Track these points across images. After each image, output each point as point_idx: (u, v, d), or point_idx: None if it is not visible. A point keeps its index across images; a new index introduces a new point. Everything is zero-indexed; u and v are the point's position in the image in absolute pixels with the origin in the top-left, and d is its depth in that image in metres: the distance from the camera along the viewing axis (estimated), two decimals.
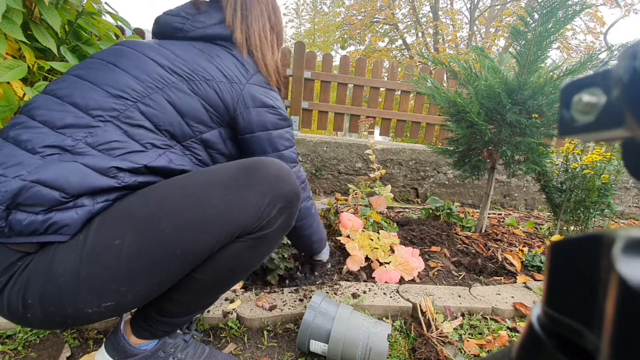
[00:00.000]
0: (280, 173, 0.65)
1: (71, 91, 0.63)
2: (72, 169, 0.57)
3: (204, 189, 0.61)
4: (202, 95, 0.70)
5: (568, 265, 0.16)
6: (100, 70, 0.66)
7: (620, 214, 2.80)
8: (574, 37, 9.06)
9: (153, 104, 0.65)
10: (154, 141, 0.65)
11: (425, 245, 1.56)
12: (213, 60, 0.73)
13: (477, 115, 1.42)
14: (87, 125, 0.60)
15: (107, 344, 0.72)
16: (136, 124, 0.64)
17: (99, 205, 0.59)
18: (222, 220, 0.59)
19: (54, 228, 0.55)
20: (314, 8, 11.52)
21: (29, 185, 0.54)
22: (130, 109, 0.64)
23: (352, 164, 2.57)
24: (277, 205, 0.64)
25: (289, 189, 0.65)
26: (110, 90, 0.63)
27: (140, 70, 0.67)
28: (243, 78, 0.75)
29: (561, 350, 0.15)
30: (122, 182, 0.61)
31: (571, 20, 1.33)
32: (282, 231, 0.68)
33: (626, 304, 0.12)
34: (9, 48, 0.95)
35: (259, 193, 0.62)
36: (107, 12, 1.22)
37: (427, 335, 0.92)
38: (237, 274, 0.69)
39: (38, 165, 0.55)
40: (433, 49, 9.17)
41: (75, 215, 0.57)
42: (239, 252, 0.64)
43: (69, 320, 0.57)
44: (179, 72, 0.69)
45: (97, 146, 0.60)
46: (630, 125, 0.13)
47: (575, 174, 1.61)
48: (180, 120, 0.68)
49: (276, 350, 0.88)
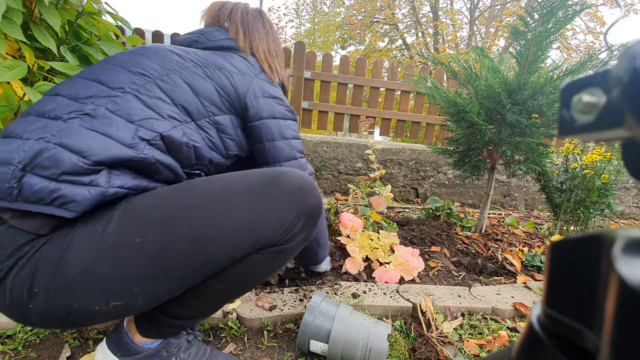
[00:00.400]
0: (305, 186, 0.65)
1: (96, 73, 0.67)
2: (93, 136, 0.58)
3: (228, 197, 0.60)
4: (216, 80, 0.75)
5: (568, 265, 0.16)
6: (124, 58, 0.71)
7: (620, 214, 2.80)
8: (574, 37, 9.06)
9: (170, 82, 0.70)
10: (170, 112, 0.68)
11: (425, 245, 1.56)
12: (225, 58, 0.81)
13: (477, 115, 1.42)
14: (108, 95, 0.63)
15: (109, 341, 0.71)
16: (155, 96, 0.67)
17: (113, 189, 0.58)
18: (248, 233, 0.59)
19: (60, 201, 0.54)
20: (314, 8, 11.51)
21: (51, 147, 0.55)
22: (150, 83, 0.68)
23: (352, 164, 2.57)
24: (302, 220, 0.64)
25: (314, 204, 0.65)
26: (132, 69, 0.68)
27: (160, 57, 0.73)
28: (251, 72, 0.83)
29: (561, 350, 0.15)
30: (141, 153, 0.62)
31: (571, 20, 1.33)
32: (301, 244, 0.68)
33: (626, 304, 0.12)
34: (9, 48, 0.95)
35: (285, 207, 0.62)
36: (107, 12, 1.22)
37: (427, 335, 0.92)
38: (252, 283, 0.69)
39: (61, 128, 0.57)
40: (433, 49, 9.17)
41: (87, 194, 0.56)
42: (258, 264, 0.64)
43: (72, 316, 0.55)
44: (194, 60, 0.75)
45: (116, 111, 0.62)
46: (630, 125, 0.13)
47: (575, 174, 1.61)
48: (195, 99, 0.72)
49: (276, 350, 0.88)
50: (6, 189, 0.52)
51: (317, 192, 0.67)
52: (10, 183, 0.52)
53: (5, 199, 0.53)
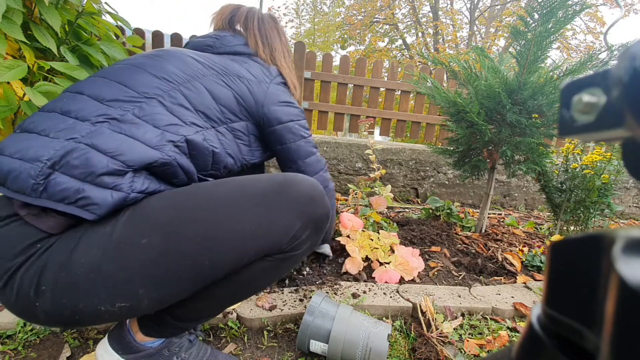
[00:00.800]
0: (314, 194, 0.65)
1: (119, 74, 0.68)
2: (121, 139, 0.59)
3: (238, 202, 0.60)
4: (235, 88, 0.78)
5: (568, 265, 0.16)
6: (145, 60, 0.72)
7: (620, 214, 2.80)
8: (574, 37, 9.06)
9: (193, 89, 0.72)
10: (192, 119, 0.70)
11: (425, 245, 1.56)
12: (243, 65, 0.84)
13: (477, 115, 1.42)
14: (134, 100, 0.64)
15: (110, 338, 0.71)
16: (178, 103, 0.69)
17: (134, 195, 0.59)
18: (252, 240, 0.59)
19: (83, 202, 0.55)
20: (314, 8, 11.51)
21: (82, 147, 0.56)
22: (174, 90, 0.69)
23: (352, 164, 2.57)
24: (309, 229, 0.64)
25: (321, 212, 0.65)
26: (156, 73, 0.69)
27: (182, 62, 0.74)
28: (267, 79, 0.86)
29: (561, 351, 0.15)
30: (167, 155, 0.63)
31: (571, 20, 1.33)
32: (307, 251, 0.68)
33: (626, 304, 0.12)
34: (9, 48, 0.95)
35: (292, 215, 0.61)
36: (107, 12, 1.22)
37: (427, 335, 0.92)
38: (257, 288, 0.69)
39: (90, 130, 0.58)
40: (433, 49, 9.17)
41: (109, 198, 0.56)
42: (264, 270, 0.64)
43: (78, 315, 0.55)
44: (216, 69, 0.78)
45: (142, 117, 0.63)
46: (630, 125, 0.13)
47: (575, 174, 1.61)
48: (216, 106, 0.74)
49: (276, 350, 0.88)
50: (31, 185, 0.53)
51: (325, 200, 0.67)
52: (37, 179, 0.53)
53: (30, 195, 0.53)
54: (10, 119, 1.02)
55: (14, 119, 1.03)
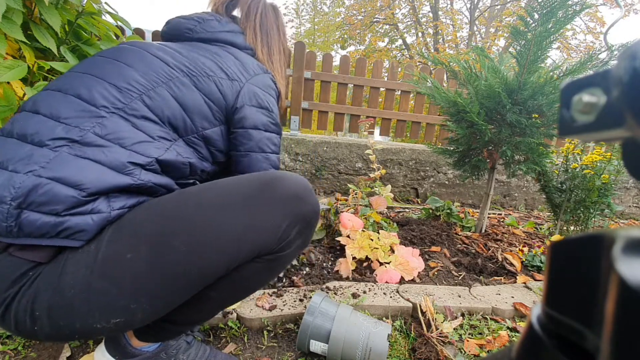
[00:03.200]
0: (300, 191, 0.62)
1: (75, 84, 0.62)
2: (87, 166, 0.55)
3: (224, 207, 0.58)
4: (204, 90, 0.72)
5: (568, 265, 0.16)
6: (103, 65, 0.66)
7: (620, 214, 2.80)
8: (574, 37, 9.06)
9: (157, 97, 0.66)
10: (159, 133, 0.65)
11: (425, 245, 1.55)
12: (215, 59, 0.76)
13: (477, 115, 1.42)
14: (93, 115, 0.59)
15: (107, 343, 0.71)
16: (141, 115, 0.63)
17: (115, 212, 0.57)
18: (241, 243, 0.58)
19: (67, 232, 0.53)
20: (314, 8, 11.51)
21: (44, 182, 0.52)
22: (135, 100, 0.63)
23: (352, 164, 2.57)
24: (297, 227, 0.62)
25: (309, 209, 0.63)
26: (116, 83, 0.63)
27: (144, 64, 0.67)
28: (243, 77, 0.78)
29: (561, 351, 0.15)
30: (138, 179, 0.60)
31: (571, 20, 1.33)
32: (298, 250, 0.67)
33: (626, 304, 0.12)
34: (9, 48, 0.95)
35: (279, 214, 0.60)
36: (107, 12, 1.22)
37: (427, 335, 0.92)
38: (248, 291, 0.68)
39: (50, 159, 0.54)
40: (433, 49, 9.17)
41: (90, 221, 0.55)
42: (255, 272, 0.63)
43: (77, 335, 0.55)
44: (182, 69, 0.71)
45: (105, 135, 0.59)
46: (630, 125, 0.13)
47: (575, 174, 1.61)
48: (183, 114, 0.69)
49: (276, 350, 0.88)
50: (5, 228, 0.51)
51: (313, 197, 0.65)
52: (8, 222, 0.51)
53: (7, 236, 0.52)
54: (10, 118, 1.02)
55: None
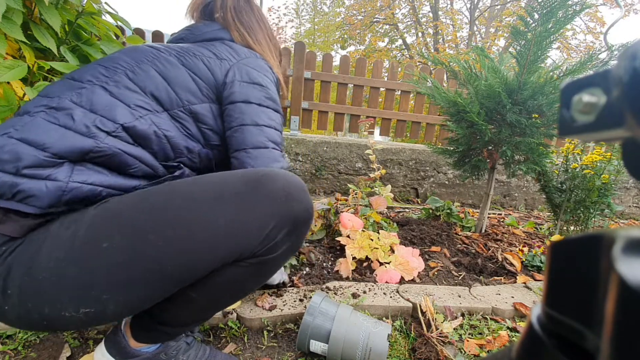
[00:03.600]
0: (291, 189, 0.59)
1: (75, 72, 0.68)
2: (53, 128, 0.58)
3: (204, 204, 0.55)
4: (190, 66, 0.73)
5: (568, 265, 0.16)
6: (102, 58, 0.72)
7: (620, 214, 2.80)
8: (574, 37, 9.06)
9: (140, 72, 0.69)
10: (138, 102, 0.66)
11: (425, 245, 1.56)
12: (207, 46, 0.79)
13: (477, 115, 1.42)
14: (76, 87, 0.63)
15: (107, 343, 0.70)
16: (123, 85, 0.66)
17: (73, 184, 0.57)
18: (220, 243, 0.55)
19: (20, 196, 0.53)
20: (314, 8, 11.51)
21: (13, 142, 0.55)
22: (119, 74, 0.67)
23: (352, 164, 2.57)
24: (285, 229, 0.58)
25: (300, 209, 0.59)
26: (104, 63, 0.69)
27: (134, 50, 0.73)
28: (234, 59, 0.79)
29: (561, 351, 0.15)
30: (102, 142, 0.60)
31: (571, 20, 1.33)
32: (288, 254, 0.63)
33: (626, 304, 0.12)
34: (9, 48, 0.95)
35: (265, 214, 0.56)
36: (107, 12, 1.22)
37: (427, 335, 0.92)
38: (235, 296, 0.66)
39: (25, 122, 0.57)
40: (433, 49, 9.17)
41: (44, 188, 0.54)
42: (237, 277, 0.60)
43: (46, 321, 0.53)
44: (169, 51, 0.74)
45: (80, 102, 0.62)
46: (630, 125, 0.13)
47: (575, 174, 1.61)
48: (166, 86, 0.70)
49: (276, 350, 0.88)
50: None
51: (306, 197, 0.60)
52: None
53: None
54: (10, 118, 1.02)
55: None
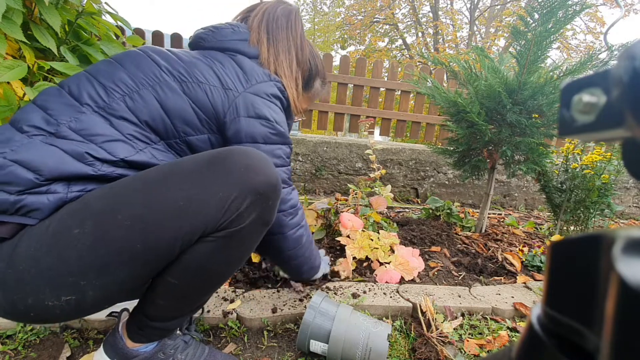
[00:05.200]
0: (251, 162, 0.60)
1: (72, 81, 0.67)
2: (50, 152, 0.58)
3: (164, 182, 0.58)
4: (191, 96, 0.70)
5: (568, 266, 0.16)
6: (102, 66, 0.70)
7: (620, 214, 2.80)
8: (574, 37, 9.07)
9: (139, 99, 0.67)
10: (134, 133, 0.66)
11: (425, 245, 1.56)
12: (215, 67, 0.74)
13: (477, 115, 1.42)
14: (75, 110, 0.63)
15: (105, 345, 0.71)
16: (119, 115, 0.65)
17: (72, 194, 0.59)
18: (181, 216, 0.56)
19: (24, 210, 0.56)
20: (314, 8, 11.51)
21: (8, 164, 0.56)
22: (117, 101, 0.65)
23: (352, 164, 2.57)
24: (247, 199, 0.59)
25: (261, 180, 0.60)
26: (103, 82, 0.66)
27: (136, 66, 0.69)
28: (241, 87, 0.75)
29: (561, 351, 0.15)
30: (99, 170, 0.61)
31: (571, 20, 1.33)
32: (258, 227, 0.64)
33: (626, 304, 0.12)
34: (9, 48, 0.95)
35: (225, 186, 0.58)
36: (107, 12, 1.22)
37: (427, 335, 0.92)
38: (215, 274, 0.65)
39: (22, 144, 0.58)
40: (433, 49, 9.17)
41: (46, 201, 0.57)
42: (210, 252, 0.60)
43: (32, 312, 0.56)
44: (173, 73, 0.71)
45: (78, 131, 0.61)
46: (630, 125, 0.13)
47: (575, 174, 1.61)
48: (163, 117, 0.69)
49: (276, 350, 0.88)
50: None
51: (268, 169, 0.62)
52: None
53: None
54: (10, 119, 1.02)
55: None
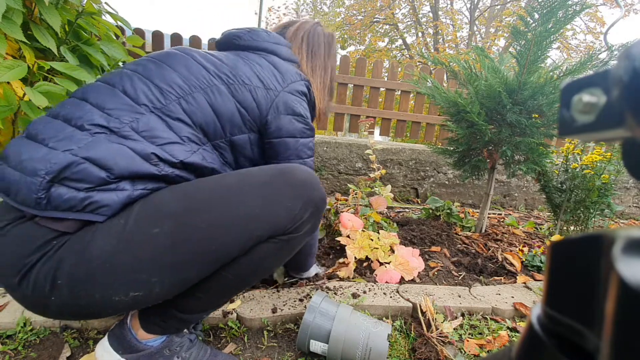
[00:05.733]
0: (309, 179, 0.69)
1: (123, 80, 0.68)
2: (120, 151, 0.60)
3: (240, 189, 0.64)
4: (239, 98, 0.76)
5: (568, 265, 0.16)
6: (151, 66, 0.72)
7: (620, 214, 2.80)
8: (574, 37, 9.06)
9: (193, 102, 0.70)
10: (190, 135, 0.70)
11: (425, 245, 1.55)
12: (254, 68, 0.80)
13: (477, 115, 1.42)
14: (134, 111, 0.65)
15: (110, 337, 0.71)
16: (176, 117, 0.68)
17: (137, 192, 0.62)
18: (258, 221, 0.62)
19: (92, 207, 0.57)
20: (314, 8, 11.51)
21: (79, 161, 0.57)
22: (173, 103, 0.68)
23: (352, 164, 2.57)
24: (309, 210, 0.67)
25: (318, 195, 0.69)
26: (158, 84, 0.69)
27: (186, 69, 0.72)
28: (279, 86, 0.81)
29: (561, 351, 0.15)
30: (162, 171, 0.64)
31: (571, 20, 1.33)
32: (307, 235, 0.71)
33: (626, 304, 0.12)
34: (9, 48, 0.95)
35: (293, 197, 0.66)
36: (107, 12, 1.22)
37: (427, 335, 0.92)
38: (258, 274, 0.71)
39: (88, 142, 0.59)
40: (433, 49, 9.17)
41: (115, 197, 0.59)
42: (268, 253, 0.66)
43: (92, 308, 0.58)
44: (221, 77, 0.75)
45: (141, 132, 0.64)
46: (630, 125, 0.13)
47: (575, 174, 1.61)
48: (215, 120, 0.73)
49: (276, 350, 0.88)
50: (34, 199, 0.55)
51: (320, 186, 0.71)
52: (39, 194, 0.54)
53: (35, 208, 0.55)
54: (10, 119, 1.02)
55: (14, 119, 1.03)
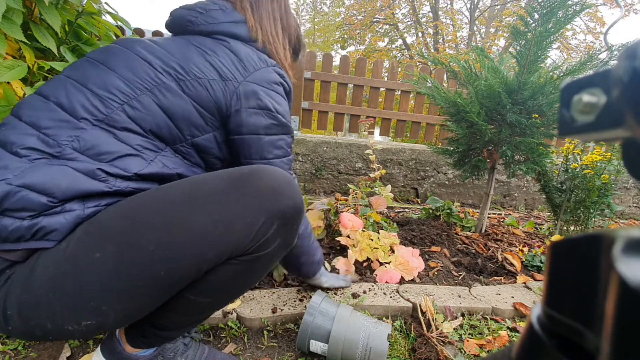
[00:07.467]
0: (277, 185, 0.58)
1: (57, 91, 0.60)
2: (60, 172, 0.54)
3: (191, 204, 0.55)
4: (193, 95, 0.67)
5: (568, 265, 0.16)
6: (88, 70, 0.63)
7: (620, 214, 2.80)
8: (574, 37, 9.06)
9: (140, 107, 0.62)
10: (142, 143, 0.62)
11: (425, 245, 1.55)
12: (209, 57, 0.69)
13: (477, 115, 1.42)
14: (72, 127, 0.58)
15: (103, 348, 0.69)
16: (122, 126, 0.61)
17: (89, 210, 0.56)
18: (209, 241, 0.54)
19: (41, 233, 0.52)
20: (314, 8, 11.52)
21: (15, 189, 0.51)
22: (117, 111, 0.61)
23: (352, 164, 2.57)
24: (275, 224, 0.57)
25: (288, 204, 0.58)
26: (96, 91, 0.61)
27: (128, 69, 0.64)
28: (240, 76, 0.71)
29: (561, 351, 0.15)
30: (113, 186, 0.58)
31: (571, 20, 1.33)
32: (280, 251, 0.63)
33: (626, 304, 0.12)
34: (9, 48, 0.95)
35: (253, 210, 0.55)
36: (107, 12, 1.22)
37: (427, 335, 0.92)
38: (232, 294, 0.65)
39: (25, 168, 0.53)
40: (433, 49, 9.17)
41: (63, 220, 0.53)
42: (232, 275, 0.59)
43: (50, 336, 0.53)
44: (170, 72, 0.66)
45: (84, 151, 0.57)
46: (630, 125, 0.13)
47: (575, 174, 1.61)
48: (168, 123, 0.65)
49: (276, 350, 0.88)
50: None
51: (294, 191, 0.60)
52: None
53: None
54: None
55: None
